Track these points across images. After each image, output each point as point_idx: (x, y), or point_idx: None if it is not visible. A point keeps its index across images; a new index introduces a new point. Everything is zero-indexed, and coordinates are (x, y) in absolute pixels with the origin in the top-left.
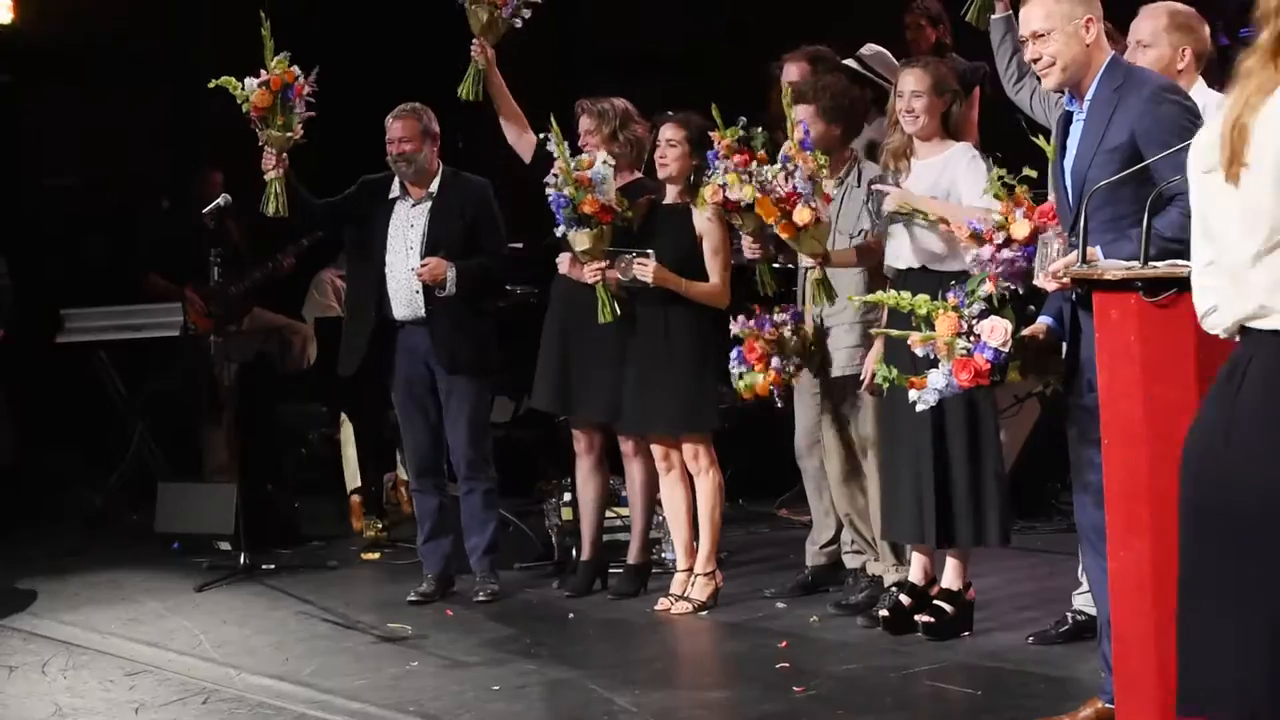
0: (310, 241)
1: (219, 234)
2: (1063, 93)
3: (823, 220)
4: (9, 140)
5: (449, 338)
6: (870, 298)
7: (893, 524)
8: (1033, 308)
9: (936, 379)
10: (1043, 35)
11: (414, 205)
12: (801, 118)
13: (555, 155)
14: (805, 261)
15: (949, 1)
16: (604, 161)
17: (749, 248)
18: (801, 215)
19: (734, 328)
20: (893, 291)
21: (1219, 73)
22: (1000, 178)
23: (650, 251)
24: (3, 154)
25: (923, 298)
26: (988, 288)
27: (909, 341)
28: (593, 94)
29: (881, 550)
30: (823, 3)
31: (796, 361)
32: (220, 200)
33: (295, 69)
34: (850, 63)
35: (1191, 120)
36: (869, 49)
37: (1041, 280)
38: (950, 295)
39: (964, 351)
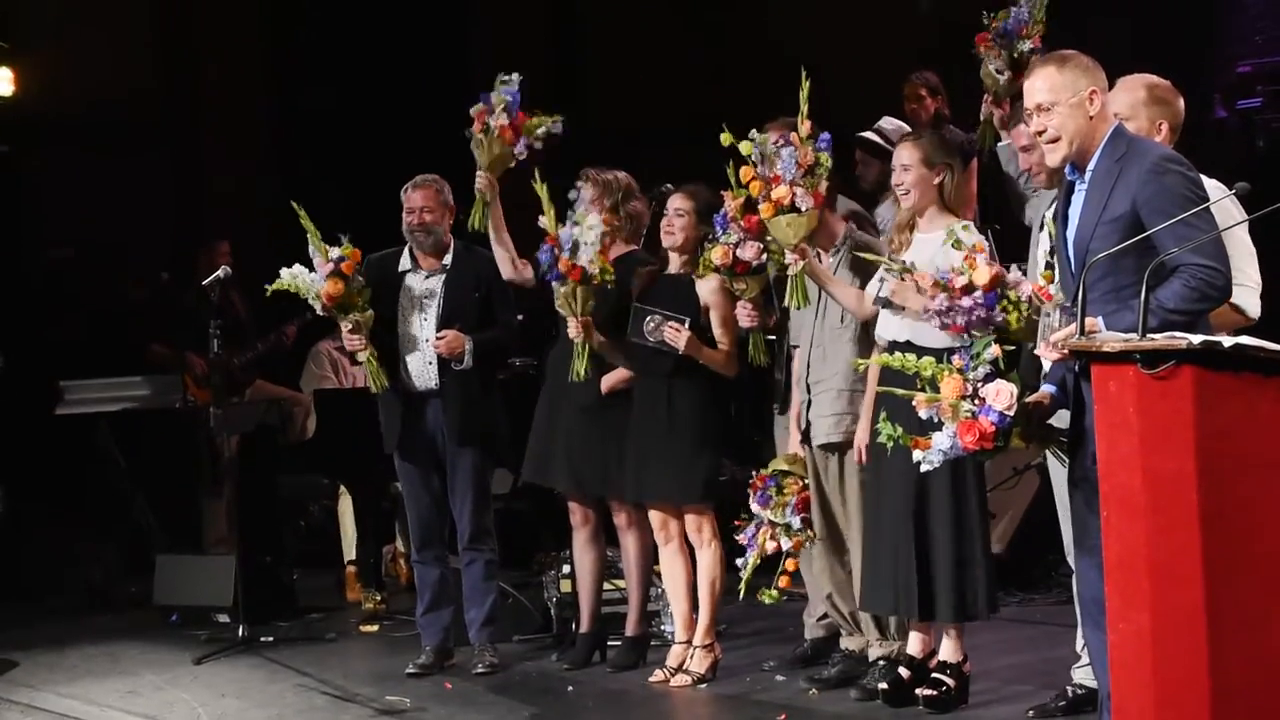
0: (312, 314)
1: (220, 305)
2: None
3: (803, 210)
4: (9, 210)
5: (460, 409)
6: (876, 360)
7: (873, 595)
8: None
9: (941, 440)
10: (1047, 108)
11: (427, 277)
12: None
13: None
14: (787, 257)
15: (947, 73)
16: (590, 226)
17: (747, 315)
18: (779, 191)
19: (741, 539)
20: (898, 354)
21: (1212, 143)
22: (962, 228)
23: (686, 319)
24: (3, 224)
25: (928, 360)
26: (993, 351)
27: (914, 402)
28: (596, 164)
29: (865, 623)
30: (824, 76)
31: (806, 534)
32: (221, 272)
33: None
34: (868, 134)
35: (1194, 190)
36: (889, 122)
37: (1042, 350)
38: (956, 358)
39: (969, 414)
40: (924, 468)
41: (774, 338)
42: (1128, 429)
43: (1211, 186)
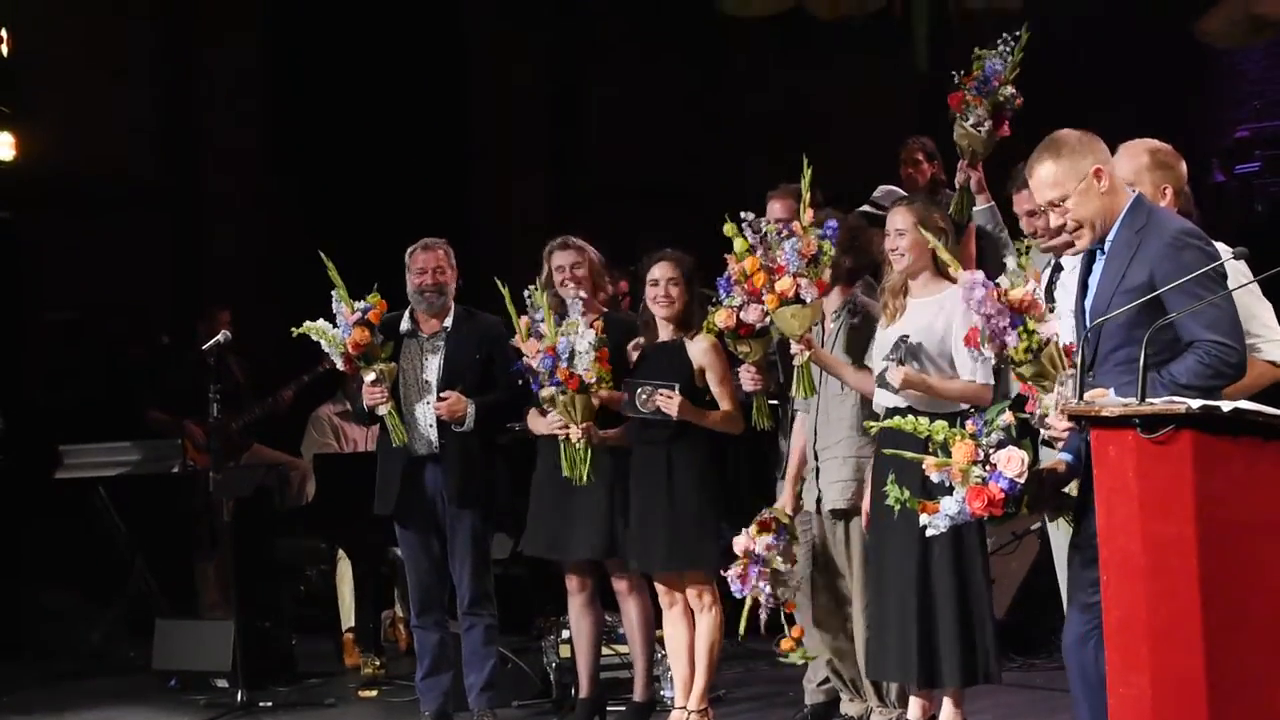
0: (310, 378)
1: (219, 370)
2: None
3: (807, 301)
4: (9, 274)
5: (460, 472)
6: (891, 422)
7: (878, 662)
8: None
9: (949, 505)
10: (1058, 203)
11: (428, 339)
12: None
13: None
14: (792, 348)
15: (944, 137)
16: (582, 335)
17: (750, 379)
18: (782, 283)
19: (734, 571)
20: (910, 417)
21: (1211, 207)
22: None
23: (675, 385)
24: (3, 288)
25: (941, 424)
26: (1006, 418)
27: (925, 466)
28: (587, 224)
29: (866, 689)
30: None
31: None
32: (220, 336)
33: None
34: (866, 209)
35: (1212, 267)
36: (880, 190)
37: (1054, 419)
38: (969, 423)
39: (979, 480)
40: (930, 532)
41: (776, 402)
42: (1127, 493)
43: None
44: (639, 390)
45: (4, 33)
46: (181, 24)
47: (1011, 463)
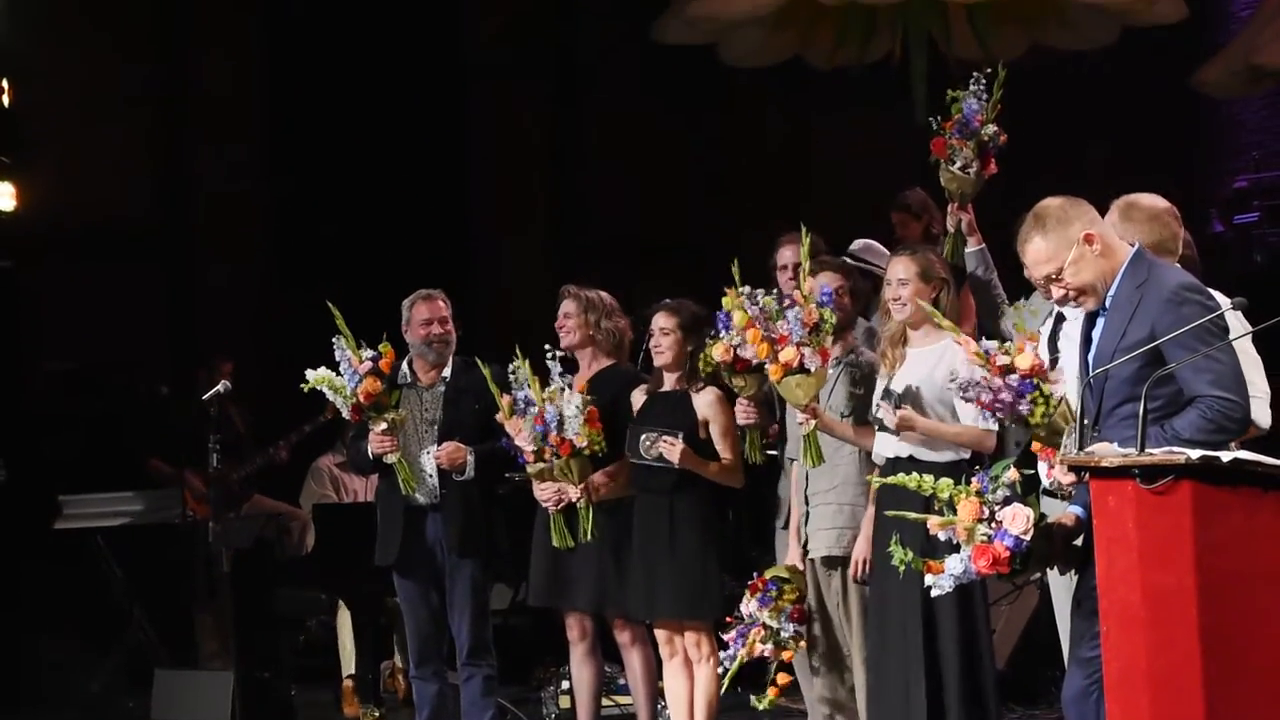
0: (311, 428)
1: (220, 420)
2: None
3: (811, 370)
4: (8, 324)
5: (460, 522)
6: (890, 480)
7: (880, 715)
8: None
9: (954, 565)
10: (1055, 276)
11: (426, 390)
12: (826, 284)
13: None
14: (798, 418)
15: (937, 189)
16: (568, 400)
17: (744, 413)
18: (786, 353)
19: (728, 636)
20: (914, 474)
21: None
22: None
23: (679, 432)
24: (2, 338)
25: (945, 481)
26: (1011, 474)
27: (929, 524)
28: (588, 278)
29: None
30: (821, 190)
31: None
32: (220, 386)
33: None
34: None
35: (1213, 321)
36: (857, 244)
37: (1059, 472)
38: (974, 480)
39: (984, 538)
40: (935, 593)
41: (774, 451)
42: (1127, 544)
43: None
44: (643, 436)
45: (5, 83)
46: (179, 74)
47: (1017, 520)
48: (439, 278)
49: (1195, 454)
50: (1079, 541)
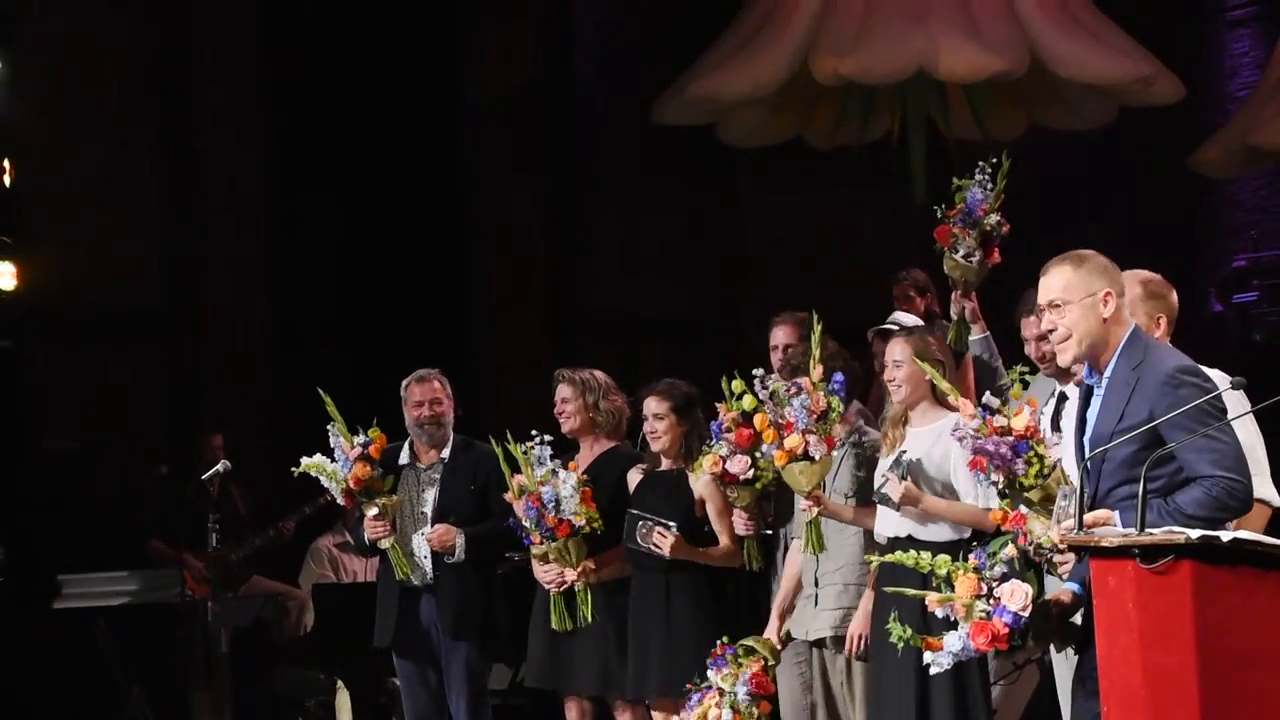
0: (312, 509)
1: (220, 499)
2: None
3: (816, 458)
4: (9, 404)
5: (455, 604)
6: (889, 558)
7: None
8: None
9: (953, 642)
10: (1059, 306)
11: (425, 471)
12: (838, 374)
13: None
14: (800, 504)
15: (937, 269)
16: (564, 481)
17: (743, 524)
18: (791, 440)
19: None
20: (911, 552)
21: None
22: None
23: (673, 524)
24: (3, 417)
25: (944, 558)
26: (1009, 550)
27: (927, 601)
28: (588, 354)
29: None
30: (823, 270)
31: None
32: (220, 465)
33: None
34: (886, 326)
35: (1210, 402)
36: (905, 316)
37: (1055, 539)
38: (972, 556)
39: (983, 614)
40: (933, 670)
41: (771, 531)
42: (1127, 624)
43: (1214, 377)
44: (639, 524)
45: (6, 163)
46: (183, 152)
47: (1015, 596)
48: (438, 356)
49: (1195, 533)
50: (1077, 619)
